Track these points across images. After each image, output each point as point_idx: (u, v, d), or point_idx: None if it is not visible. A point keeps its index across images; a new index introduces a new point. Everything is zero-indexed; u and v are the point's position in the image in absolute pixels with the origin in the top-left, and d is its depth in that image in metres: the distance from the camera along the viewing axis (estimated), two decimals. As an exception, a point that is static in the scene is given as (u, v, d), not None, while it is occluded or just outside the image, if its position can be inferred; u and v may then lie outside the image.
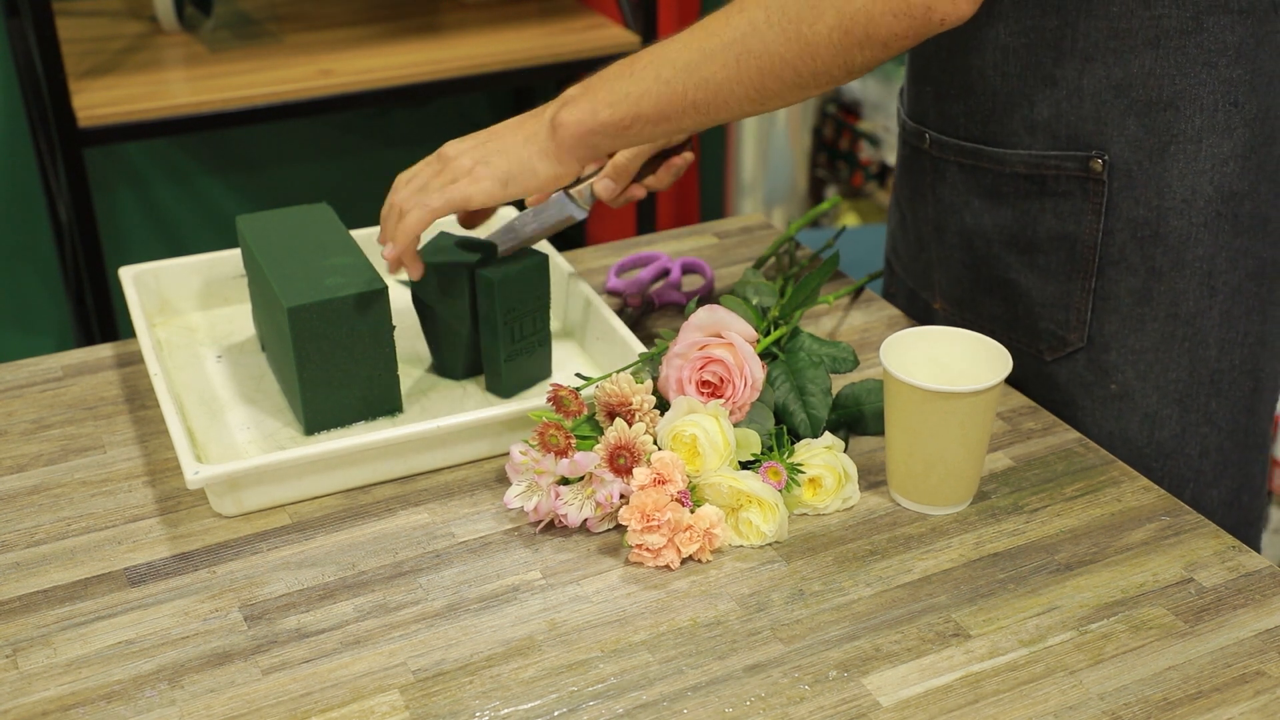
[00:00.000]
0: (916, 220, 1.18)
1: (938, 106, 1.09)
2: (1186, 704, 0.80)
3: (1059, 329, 1.07)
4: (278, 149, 2.56)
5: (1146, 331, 1.04)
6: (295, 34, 2.20)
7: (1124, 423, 1.07)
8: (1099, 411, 1.08)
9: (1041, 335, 1.09)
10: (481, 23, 2.28)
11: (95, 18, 2.25)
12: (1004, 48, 1.01)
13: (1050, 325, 1.08)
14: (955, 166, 1.10)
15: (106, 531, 0.94)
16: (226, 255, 1.20)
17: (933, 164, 1.12)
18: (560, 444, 0.92)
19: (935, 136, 1.10)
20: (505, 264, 1.04)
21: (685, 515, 0.90)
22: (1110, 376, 1.07)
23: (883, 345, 0.94)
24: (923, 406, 0.91)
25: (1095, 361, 1.07)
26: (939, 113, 1.09)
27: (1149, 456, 1.08)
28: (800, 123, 2.83)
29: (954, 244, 1.13)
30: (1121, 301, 1.04)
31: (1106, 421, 1.08)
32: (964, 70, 1.05)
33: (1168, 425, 1.07)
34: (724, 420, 0.94)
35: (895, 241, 1.26)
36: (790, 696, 0.80)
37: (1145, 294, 1.03)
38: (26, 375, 1.12)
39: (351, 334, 1.00)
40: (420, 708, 0.79)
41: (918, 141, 1.13)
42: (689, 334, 0.99)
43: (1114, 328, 1.05)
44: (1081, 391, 1.08)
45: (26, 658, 0.83)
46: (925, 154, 1.13)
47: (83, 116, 1.87)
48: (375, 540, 0.93)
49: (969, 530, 0.95)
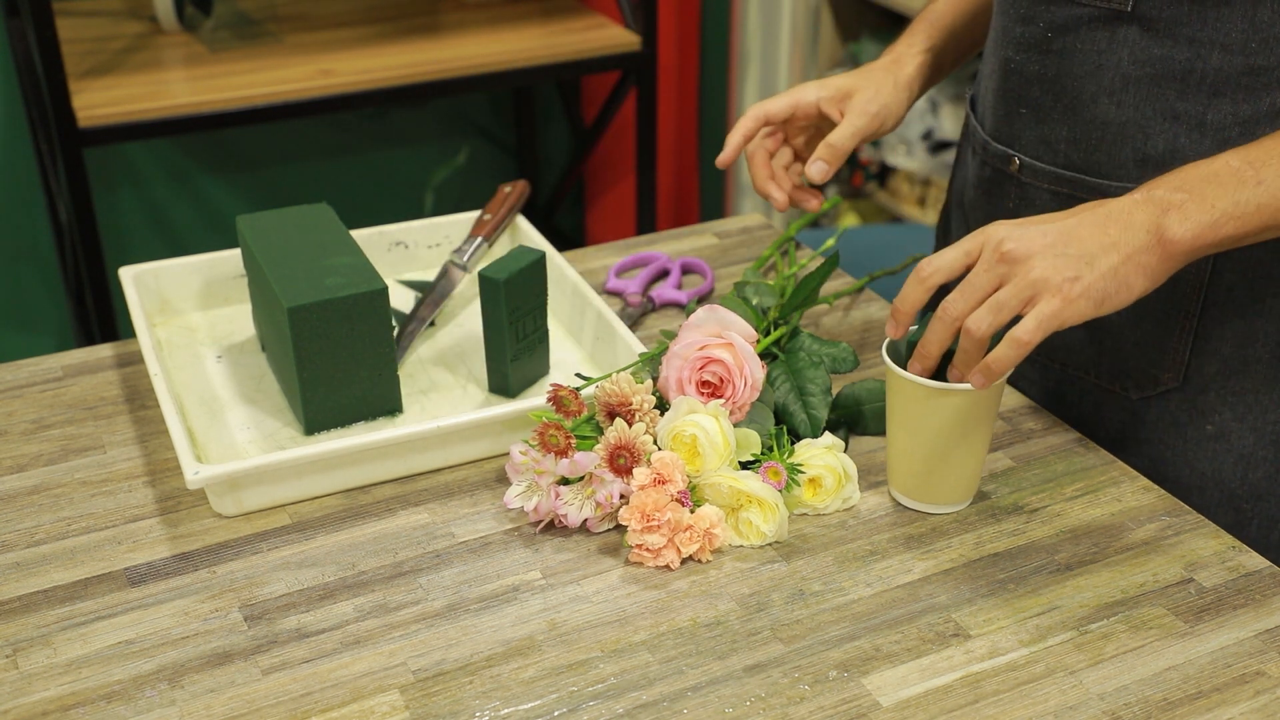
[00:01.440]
0: None
1: (1035, 130, 1.05)
2: (1186, 704, 0.80)
3: (1151, 368, 1.04)
4: (278, 149, 2.56)
5: (1250, 373, 1.01)
6: (295, 34, 2.20)
7: (1218, 464, 1.04)
8: (1191, 452, 1.05)
9: (1130, 374, 1.05)
10: (481, 23, 2.28)
11: (95, 18, 2.25)
12: (1124, 76, 0.97)
13: (1141, 364, 1.04)
14: (1048, 194, 1.05)
15: (106, 531, 0.94)
16: (226, 255, 1.20)
17: (1019, 189, 1.07)
18: (560, 444, 0.92)
19: (1027, 161, 1.06)
20: (508, 264, 1.04)
21: (685, 515, 0.90)
22: (1207, 418, 1.03)
23: (885, 342, 0.94)
24: (924, 404, 0.91)
25: (1191, 402, 1.03)
26: (1036, 137, 1.05)
27: (1240, 498, 1.04)
28: (800, 123, 2.83)
29: None
30: (1225, 342, 1.01)
31: (1199, 462, 1.05)
32: (1072, 95, 1.01)
33: (1262, 466, 1.03)
34: (724, 420, 0.94)
35: None
36: (790, 696, 0.80)
37: (1250, 335, 1.00)
38: (26, 375, 1.12)
39: (351, 334, 1.00)
40: (420, 708, 0.79)
41: (1002, 164, 1.09)
42: (689, 334, 0.99)
43: (1214, 368, 1.01)
44: (1173, 431, 1.05)
45: (26, 658, 0.83)
46: (1011, 178, 1.08)
47: (83, 116, 1.88)
48: (375, 540, 0.93)
49: (969, 530, 0.95)
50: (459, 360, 1.13)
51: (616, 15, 2.33)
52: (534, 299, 1.06)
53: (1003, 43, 1.06)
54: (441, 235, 1.26)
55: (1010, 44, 1.05)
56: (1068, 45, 1.00)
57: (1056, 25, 1.00)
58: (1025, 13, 1.03)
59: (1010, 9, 1.05)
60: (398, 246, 1.25)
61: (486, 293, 1.04)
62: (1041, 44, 1.02)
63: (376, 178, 2.68)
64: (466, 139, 2.75)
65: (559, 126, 2.83)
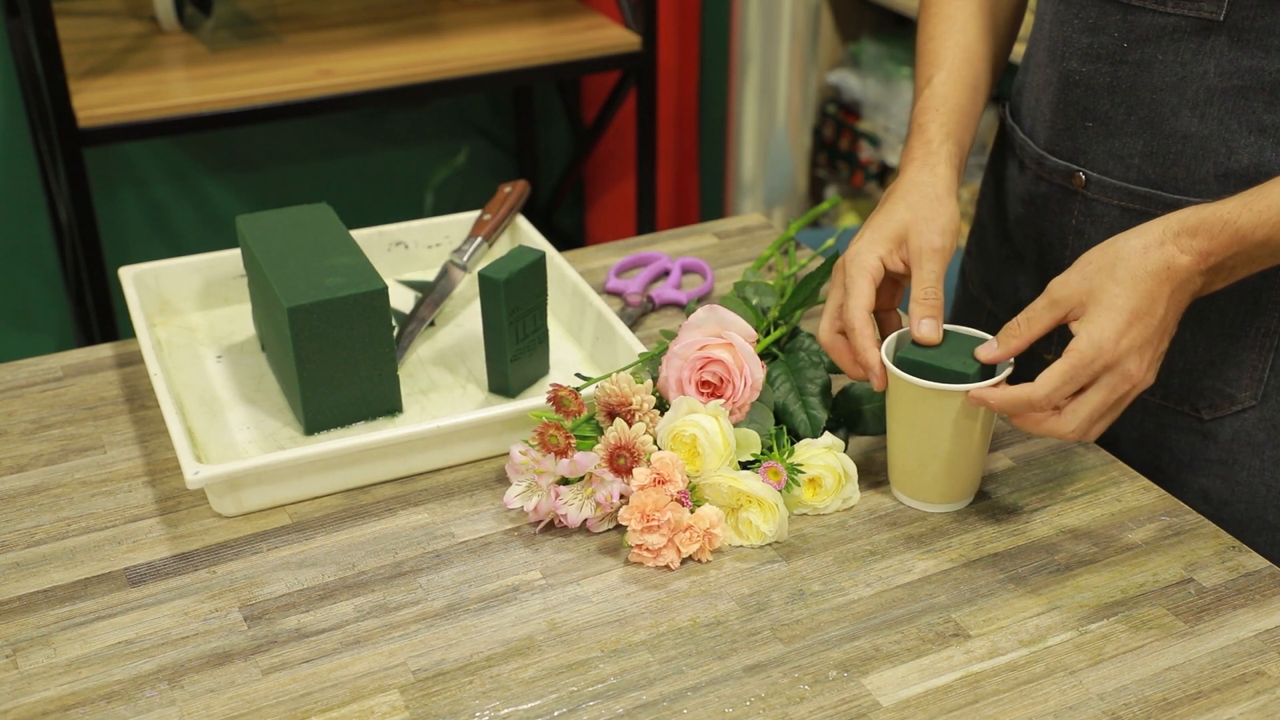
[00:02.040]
0: (1044, 263, 1.09)
1: (1104, 144, 1.01)
2: (1186, 704, 0.80)
3: (1227, 386, 1.01)
4: (278, 149, 2.56)
5: None
6: (295, 34, 2.20)
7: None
8: (1270, 471, 1.02)
9: (1202, 394, 1.03)
10: (481, 23, 2.28)
11: (95, 18, 2.25)
12: (1209, 88, 0.94)
13: (1216, 383, 1.02)
14: (1117, 210, 1.01)
15: (106, 531, 0.94)
16: (226, 255, 1.20)
17: (1085, 205, 1.04)
18: (560, 444, 0.92)
19: (1095, 177, 1.02)
20: (508, 264, 1.04)
21: (685, 515, 0.90)
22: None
23: (884, 343, 0.94)
24: (924, 404, 0.91)
25: (1269, 420, 1.01)
26: (1104, 151, 1.01)
27: None
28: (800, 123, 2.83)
29: None
30: None
31: (1277, 481, 1.02)
32: (1150, 108, 0.97)
33: None
34: (724, 420, 0.94)
35: (991, 275, 1.16)
36: (790, 696, 0.80)
37: None
38: (26, 375, 1.12)
39: (351, 334, 1.00)
40: (420, 708, 0.79)
41: (1063, 179, 1.05)
42: (689, 334, 0.99)
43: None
44: (1249, 451, 1.02)
45: (26, 658, 0.83)
46: (1075, 194, 1.04)
47: (83, 116, 1.87)
48: (375, 540, 0.93)
49: (969, 530, 0.95)
50: (459, 360, 1.13)
51: (616, 15, 2.33)
52: (534, 299, 1.06)
53: (1062, 54, 1.02)
54: (441, 235, 1.26)
55: (1073, 55, 1.01)
56: (1147, 56, 0.96)
57: (1135, 35, 0.96)
58: (1094, 22, 0.99)
59: (1074, 19, 1.00)
60: (398, 246, 1.25)
61: (486, 293, 1.04)
62: (1114, 55, 0.98)
63: (376, 178, 2.68)
64: (466, 139, 2.75)
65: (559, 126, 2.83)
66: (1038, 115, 1.07)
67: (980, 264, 1.20)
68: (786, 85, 2.80)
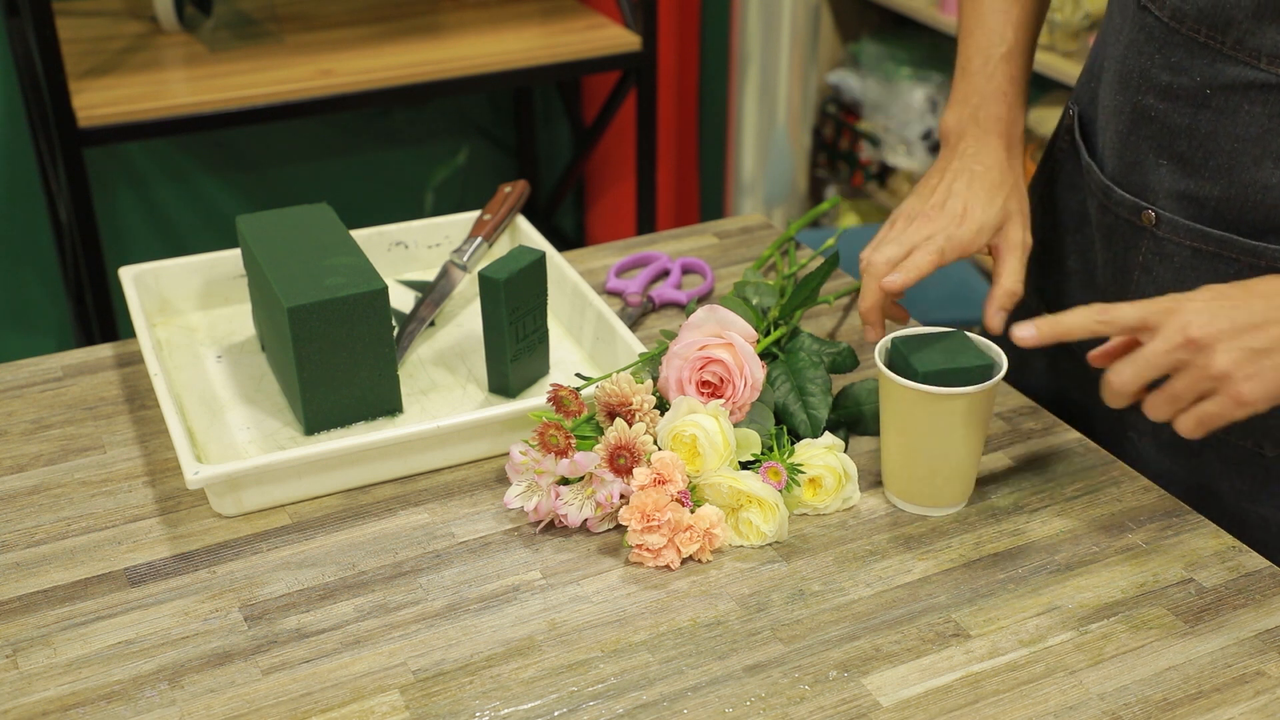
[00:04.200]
0: (1108, 293, 1.05)
1: (1178, 184, 0.96)
2: (1186, 704, 0.80)
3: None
4: (278, 149, 2.56)
5: None
6: (295, 34, 2.20)
7: None
8: None
9: (1270, 431, 0.97)
10: (481, 23, 2.28)
11: (95, 18, 2.25)
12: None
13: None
14: (1189, 250, 0.97)
15: (106, 531, 0.94)
16: (226, 255, 1.20)
17: (1154, 243, 0.99)
18: (560, 444, 0.92)
19: (1166, 216, 0.97)
20: (508, 264, 1.04)
21: (685, 515, 0.90)
22: None
23: (878, 346, 0.94)
24: (918, 408, 0.91)
25: None
26: (1178, 191, 0.96)
27: None
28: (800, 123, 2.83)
29: None
30: None
31: None
32: (1230, 154, 0.92)
33: None
34: (724, 420, 0.94)
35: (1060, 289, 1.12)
36: (790, 696, 0.80)
37: None
38: (26, 375, 1.12)
39: (351, 334, 1.00)
40: (420, 708, 0.79)
41: (1130, 214, 1.00)
42: (689, 334, 0.99)
43: None
44: None
45: (26, 658, 0.83)
46: (1144, 230, 0.99)
47: (83, 116, 1.88)
48: (375, 540, 0.93)
49: (969, 530, 0.95)
50: (459, 360, 1.13)
51: (616, 15, 2.33)
52: (534, 299, 1.06)
53: (1138, 86, 0.97)
54: (441, 235, 1.26)
55: (1152, 91, 0.96)
56: (1232, 104, 0.92)
57: (1221, 83, 0.92)
58: (1178, 62, 0.94)
59: (1155, 53, 0.96)
60: (398, 246, 1.25)
61: (486, 293, 1.04)
62: (1196, 98, 0.94)
63: (376, 178, 2.68)
64: (466, 139, 2.75)
65: (559, 126, 2.83)
66: (1105, 141, 1.03)
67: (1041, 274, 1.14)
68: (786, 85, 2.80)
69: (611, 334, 1.09)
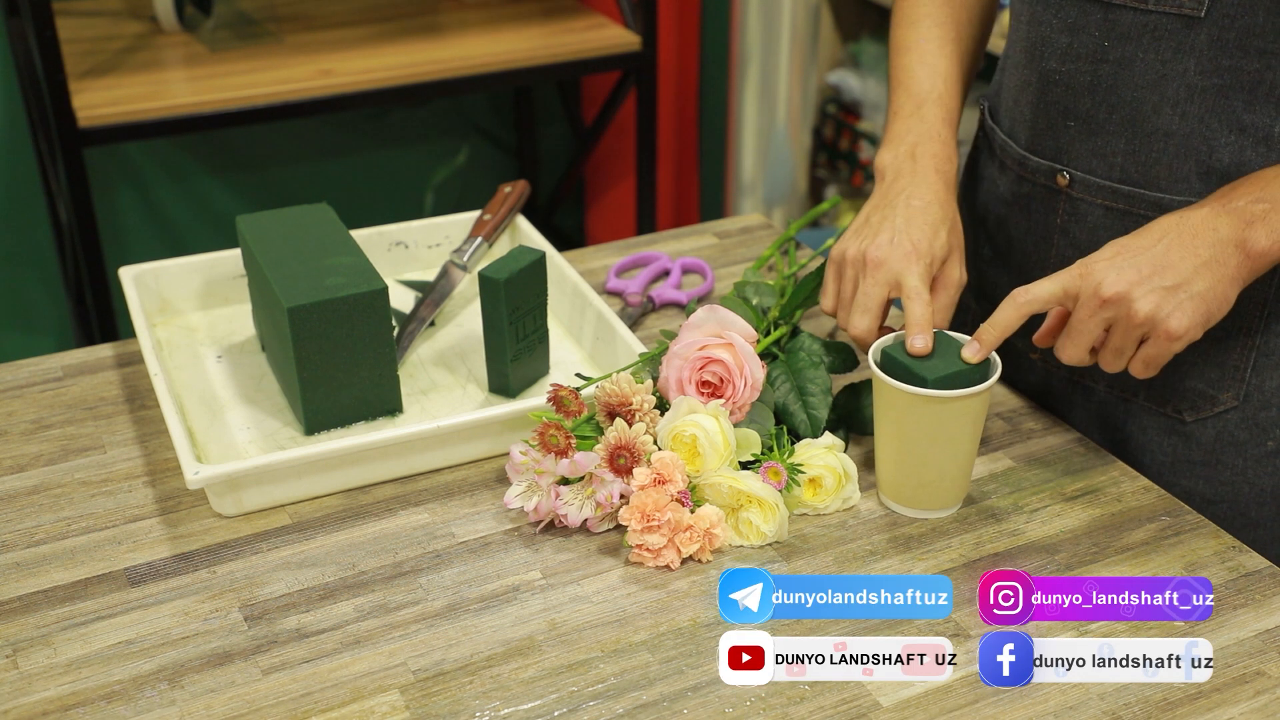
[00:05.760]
0: (1029, 263, 1.10)
1: (1086, 143, 1.00)
2: (1186, 704, 0.80)
3: (1209, 388, 1.01)
4: (278, 149, 2.56)
5: None
6: (295, 34, 2.20)
7: (1278, 478, 1.02)
8: (1251, 470, 1.02)
9: (1184, 395, 1.03)
10: (481, 23, 2.28)
11: (95, 18, 2.25)
12: (1190, 86, 0.94)
13: (1199, 384, 1.02)
14: (1101, 209, 1.02)
15: (106, 531, 0.94)
16: (226, 255, 1.20)
17: (1070, 204, 1.04)
18: (560, 444, 0.92)
19: (1079, 176, 1.02)
20: (508, 264, 1.04)
21: (685, 515, 0.90)
22: (1268, 434, 1.01)
23: (871, 349, 0.94)
24: (912, 411, 0.91)
25: (1251, 419, 1.01)
26: (1087, 150, 1.01)
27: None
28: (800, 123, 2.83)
29: None
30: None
31: (1260, 479, 1.03)
32: (1131, 106, 0.97)
33: None
34: (724, 420, 0.94)
35: (974, 276, 1.16)
36: (790, 696, 0.80)
37: None
38: (26, 375, 1.12)
39: (351, 334, 1.00)
40: (420, 708, 0.79)
41: (1046, 179, 1.05)
42: (689, 334, 0.99)
43: (1276, 383, 0.99)
44: (1231, 450, 1.02)
45: (26, 658, 0.83)
46: (1059, 193, 1.04)
47: (83, 116, 1.87)
48: (375, 540, 0.93)
49: (969, 530, 0.95)
50: (459, 360, 1.13)
51: (616, 15, 2.33)
52: (534, 299, 1.06)
53: (1041, 54, 1.02)
54: (441, 235, 1.26)
55: (1053, 55, 1.01)
56: (1127, 54, 0.96)
57: (1115, 33, 0.96)
58: (1074, 21, 0.99)
59: (1052, 18, 1.00)
60: (398, 246, 1.25)
61: (486, 293, 1.04)
62: (1095, 53, 0.98)
63: (376, 178, 2.68)
64: (466, 139, 2.75)
65: (559, 126, 2.83)
66: (1018, 116, 1.07)
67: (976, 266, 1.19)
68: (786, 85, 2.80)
69: (611, 334, 1.09)
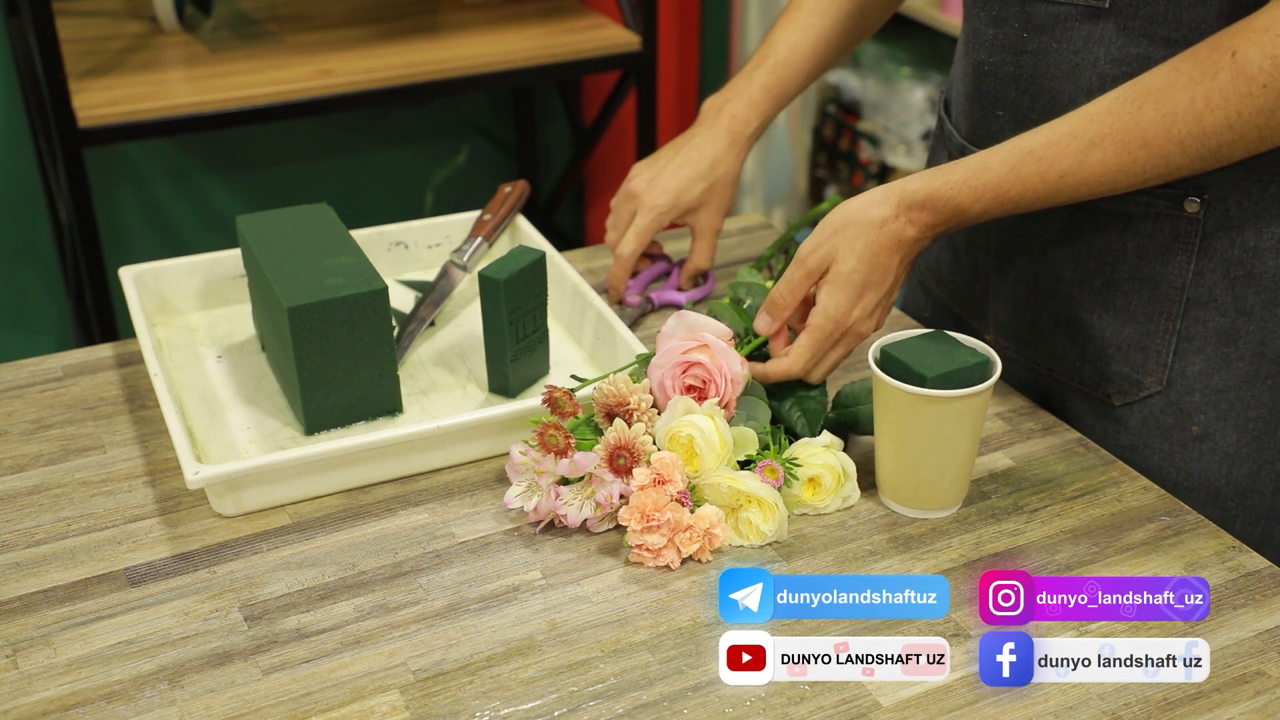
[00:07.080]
0: (972, 248, 1.14)
1: (1013, 132, 1.01)
2: (1186, 704, 0.80)
3: (1134, 372, 1.03)
4: (278, 149, 2.56)
5: (1231, 371, 1.00)
6: (295, 34, 2.20)
7: (1204, 464, 1.03)
8: (1178, 455, 1.04)
9: (1112, 379, 1.05)
10: (481, 23, 2.28)
11: (95, 18, 2.25)
12: (1101, 75, 0.97)
13: (1124, 369, 1.04)
14: None
15: (106, 531, 0.94)
16: (226, 255, 1.20)
17: None
18: (560, 444, 0.92)
19: None
20: (508, 264, 1.04)
21: (685, 515, 0.90)
22: (1191, 419, 1.02)
23: (871, 349, 0.94)
24: (912, 410, 0.91)
25: (1175, 404, 1.03)
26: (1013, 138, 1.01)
27: (1225, 496, 1.04)
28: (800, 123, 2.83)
29: (1018, 278, 1.09)
30: (1207, 342, 1.00)
31: (1186, 464, 1.04)
32: (1050, 95, 1.01)
33: (1244, 464, 1.03)
34: (719, 420, 0.94)
35: (937, 265, 1.21)
36: (790, 696, 0.80)
37: (1232, 334, 0.99)
38: (26, 375, 1.12)
39: (351, 334, 1.00)
40: (420, 708, 0.79)
41: None
42: (665, 343, 0.99)
43: (1197, 369, 1.01)
44: (1158, 435, 1.04)
45: (26, 658, 0.83)
46: None
47: (83, 116, 1.88)
48: (375, 540, 0.93)
49: (969, 530, 0.95)
50: (459, 360, 1.13)
51: (616, 15, 2.33)
52: (534, 299, 1.06)
53: (974, 46, 1.06)
54: (441, 235, 1.26)
55: (982, 47, 1.05)
56: (1043, 45, 1.00)
57: (1032, 25, 1.00)
58: (998, 14, 1.03)
59: (981, 11, 1.05)
60: (398, 246, 1.25)
61: (486, 293, 1.04)
62: (1016, 45, 1.02)
63: (376, 178, 2.68)
64: (466, 139, 2.75)
65: (559, 126, 2.83)
66: (959, 106, 1.12)
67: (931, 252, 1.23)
68: (786, 85, 2.79)
69: (611, 334, 1.09)
